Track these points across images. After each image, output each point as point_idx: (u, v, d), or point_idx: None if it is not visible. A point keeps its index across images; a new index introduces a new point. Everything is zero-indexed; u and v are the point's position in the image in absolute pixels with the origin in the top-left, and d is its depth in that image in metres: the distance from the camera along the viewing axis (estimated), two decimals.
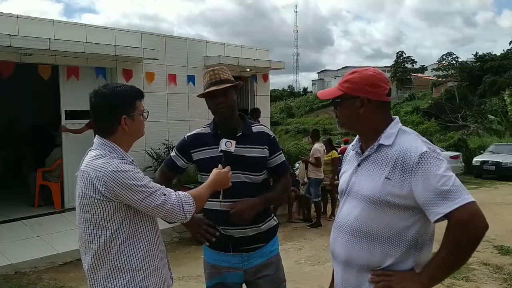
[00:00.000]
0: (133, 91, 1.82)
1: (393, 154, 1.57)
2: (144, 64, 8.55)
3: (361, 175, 1.66)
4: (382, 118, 1.66)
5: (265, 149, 2.25)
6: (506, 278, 4.72)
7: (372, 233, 1.58)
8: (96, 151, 1.75)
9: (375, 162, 1.62)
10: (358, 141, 1.76)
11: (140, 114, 1.82)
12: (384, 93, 1.65)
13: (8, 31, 6.42)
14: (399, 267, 1.56)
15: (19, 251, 5.57)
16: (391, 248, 1.56)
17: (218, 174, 1.95)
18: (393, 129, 1.63)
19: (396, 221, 1.55)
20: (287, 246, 6.45)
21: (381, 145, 1.62)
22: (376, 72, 1.69)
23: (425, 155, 1.50)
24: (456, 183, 1.46)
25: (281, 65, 11.20)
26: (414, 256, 1.56)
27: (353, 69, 1.74)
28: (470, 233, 1.44)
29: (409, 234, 1.55)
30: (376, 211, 1.57)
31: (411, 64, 53.36)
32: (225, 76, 2.22)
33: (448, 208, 1.43)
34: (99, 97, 1.78)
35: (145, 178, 1.71)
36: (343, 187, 1.76)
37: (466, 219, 1.43)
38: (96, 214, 1.68)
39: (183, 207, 1.73)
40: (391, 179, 1.54)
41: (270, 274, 2.26)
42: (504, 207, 9.12)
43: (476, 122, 28.29)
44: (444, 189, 1.45)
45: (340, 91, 1.68)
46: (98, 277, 1.71)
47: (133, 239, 1.72)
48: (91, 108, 1.80)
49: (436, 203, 1.45)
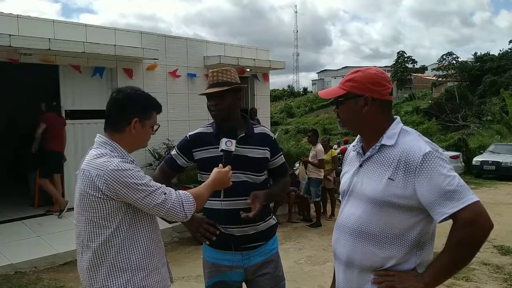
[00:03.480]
0: (154, 102, 1.87)
1: (395, 155, 1.56)
2: (144, 64, 8.56)
3: (363, 176, 1.65)
4: (385, 117, 1.64)
5: (266, 150, 2.26)
6: (506, 278, 4.73)
7: (374, 233, 1.57)
8: (97, 150, 1.75)
9: (377, 163, 1.60)
10: (359, 142, 1.74)
11: (151, 125, 1.85)
12: (387, 92, 1.64)
13: (8, 31, 6.42)
14: (402, 267, 1.55)
15: (19, 251, 5.57)
16: (393, 249, 1.55)
17: (219, 173, 1.95)
18: (395, 129, 1.62)
19: (399, 221, 1.54)
20: (287, 246, 6.45)
21: (383, 145, 1.60)
22: (379, 71, 1.68)
23: (428, 155, 1.49)
24: (460, 183, 1.46)
25: (281, 65, 11.21)
26: (416, 255, 1.56)
27: (355, 69, 1.73)
28: (475, 233, 1.44)
29: (412, 234, 1.54)
30: (378, 212, 1.56)
31: (411, 64, 53.37)
32: (224, 79, 2.22)
33: (454, 208, 1.43)
34: (121, 94, 1.80)
35: (145, 177, 1.71)
36: (344, 188, 1.75)
37: (471, 219, 1.42)
38: (96, 212, 1.68)
39: (184, 206, 1.73)
40: (394, 180, 1.53)
41: (270, 272, 2.27)
42: (504, 207, 9.12)
43: (476, 122, 28.29)
44: (449, 189, 1.44)
45: (343, 90, 1.66)
46: (98, 276, 1.71)
47: (133, 238, 1.72)
48: (110, 101, 1.82)
49: (442, 203, 1.44)
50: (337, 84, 1.75)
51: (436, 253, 1.57)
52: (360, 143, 1.73)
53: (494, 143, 18.17)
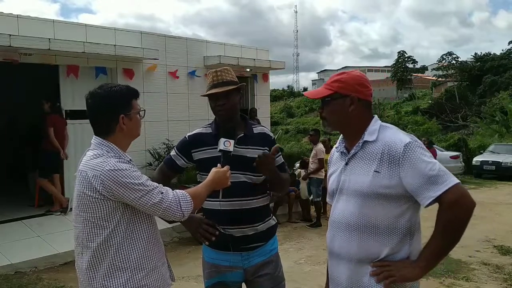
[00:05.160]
0: (129, 91, 1.85)
1: (378, 148, 1.66)
2: (144, 64, 8.56)
3: (350, 173, 1.73)
4: (366, 116, 1.75)
5: (265, 150, 2.25)
6: (506, 278, 4.73)
7: (368, 225, 1.66)
8: (93, 151, 1.76)
9: (362, 158, 1.70)
10: (341, 142, 1.84)
11: (137, 113, 1.84)
12: (370, 93, 1.77)
13: (8, 31, 6.42)
14: (396, 257, 1.65)
15: (19, 251, 5.57)
16: (387, 238, 1.64)
17: (217, 173, 1.95)
18: (375, 126, 1.72)
19: (389, 210, 1.63)
20: (287, 246, 6.45)
21: (365, 141, 1.70)
22: (361, 74, 1.80)
23: (409, 145, 1.60)
24: (442, 168, 1.58)
25: (281, 65, 11.21)
26: (408, 244, 1.65)
27: (339, 71, 1.86)
28: (460, 212, 1.55)
29: (402, 222, 1.64)
30: (369, 204, 1.65)
31: (412, 64, 53.35)
32: (228, 78, 2.22)
33: (438, 191, 1.54)
34: (95, 98, 1.80)
35: (142, 177, 1.72)
36: (333, 187, 1.82)
37: (455, 199, 1.54)
38: (94, 213, 1.69)
39: (181, 205, 1.73)
40: (380, 172, 1.63)
41: (269, 273, 2.27)
42: (504, 207, 9.13)
43: (476, 123, 28.27)
44: (432, 174, 1.56)
45: (330, 90, 1.74)
46: (97, 276, 1.71)
47: (131, 237, 1.73)
48: (89, 109, 1.82)
49: (427, 187, 1.56)
50: (323, 85, 1.84)
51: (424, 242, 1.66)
52: (342, 143, 1.83)
53: (494, 143, 18.19)
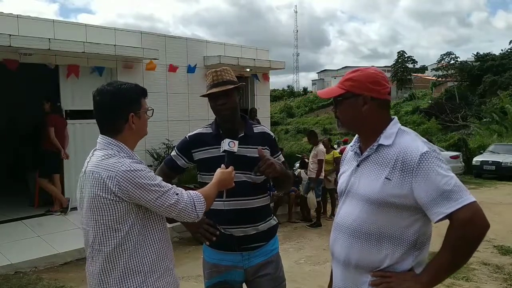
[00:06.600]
0: (138, 89, 1.79)
1: (393, 154, 1.55)
2: (144, 64, 8.56)
3: (360, 176, 1.65)
4: (383, 117, 1.64)
5: (266, 149, 2.25)
6: (506, 278, 4.73)
7: (371, 233, 1.57)
8: (103, 151, 1.70)
9: (374, 163, 1.60)
10: (357, 141, 1.75)
11: (145, 112, 1.80)
12: (386, 92, 1.64)
13: (8, 31, 6.42)
14: (399, 268, 1.55)
15: (19, 251, 5.56)
16: (391, 248, 1.55)
17: (223, 174, 1.94)
18: (393, 129, 1.62)
19: (396, 221, 1.54)
20: (287, 246, 6.45)
21: (380, 145, 1.60)
22: (377, 70, 1.68)
23: (426, 155, 1.49)
24: (457, 183, 1.46)
25: (281, 65, 11.21)
26: (413, 256, 1.55)
27: (354, 68, 1.73)
28: (472, 232, 1.44)
29: (409, 233, 1.54)
30: (375, 211, 1.56)
31: (412, 64, 53.30)
32: (227, 77, 2.22)
33: (451, 208, 1.43)
34: (105, 95, 1.72)
35: (157, 178, 1.68)
36: (342, 188, 1.75)
37: (468, 218, 1.42)
38: (108, 215, 1.63)
39: (195, 206, 1.71)
40: (391, 180, 1.53)
41: (270, 273, 2.27)
42: (504, 207, 9.12)
43: (476, 123, 28.27)
44: (446, 189, 1.45)
45: (342, 89, 1.65)
46: (110, 280, 1.67)
47: (145, 240, 1.69)
48: (96, 107, 1.74)
49: (439, 203, 1.45)
50: (337, 83, 1.74)
51: (433, 253, 1.56)
52: (357, 143, 1.74)
53: (494, 143, 18.16)
